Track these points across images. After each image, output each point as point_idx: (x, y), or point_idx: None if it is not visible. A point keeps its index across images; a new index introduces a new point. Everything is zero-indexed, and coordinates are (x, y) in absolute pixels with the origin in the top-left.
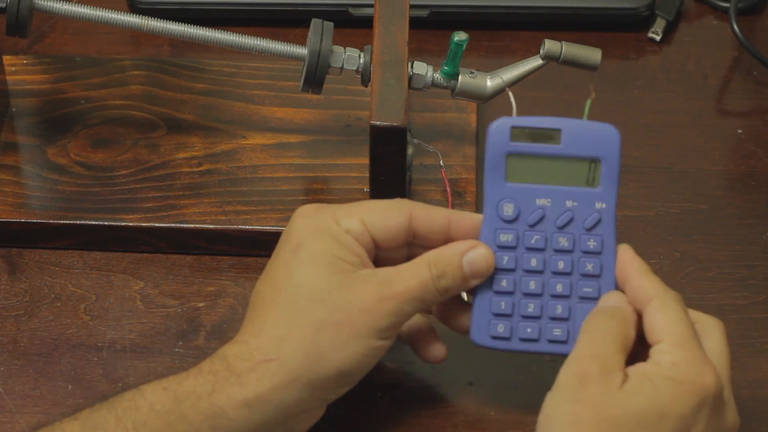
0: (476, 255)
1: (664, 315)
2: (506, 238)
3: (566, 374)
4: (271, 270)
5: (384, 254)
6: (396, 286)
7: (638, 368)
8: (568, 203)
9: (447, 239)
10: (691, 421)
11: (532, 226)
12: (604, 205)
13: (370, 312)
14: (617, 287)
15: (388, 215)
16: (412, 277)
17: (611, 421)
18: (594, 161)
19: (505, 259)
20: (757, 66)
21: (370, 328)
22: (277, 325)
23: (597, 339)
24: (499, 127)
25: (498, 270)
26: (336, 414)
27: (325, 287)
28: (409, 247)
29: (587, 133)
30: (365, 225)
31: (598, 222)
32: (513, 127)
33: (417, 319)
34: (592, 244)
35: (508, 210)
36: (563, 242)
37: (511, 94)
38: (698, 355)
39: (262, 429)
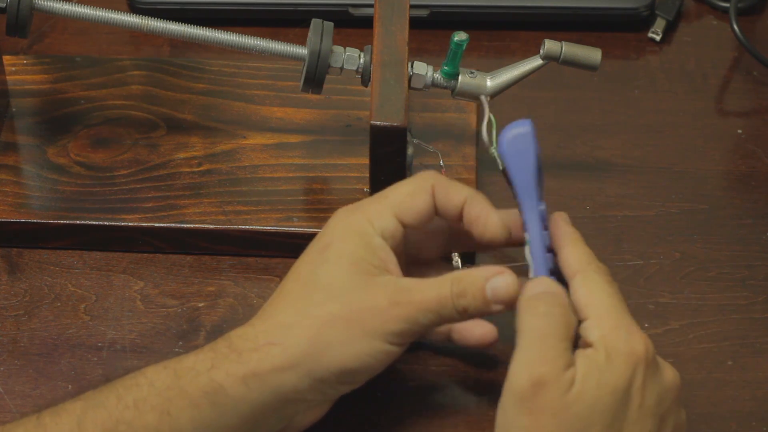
0: (500, 282)
1: (587, 290)
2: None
3: (519, 380)
4: (296, 267)
5: (419, 240)
6: (413, 294)
7: (578, 353)
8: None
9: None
10: (630, 391)
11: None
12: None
13: (382, 314)
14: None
15: (416, 198)
16: (431, 289)
17: (569, 422)
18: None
19: None
20: (757, 66)
21: (380, 329)
22: (287, 312)
23: (541, 340)
24: (521, 137)
25: None
26: (336, 414)
27: (343, 285)
28: (440, 230)
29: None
30: (399, 218)
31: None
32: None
33: None
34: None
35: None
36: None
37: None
38: (623, 323)
39: (260, 410)
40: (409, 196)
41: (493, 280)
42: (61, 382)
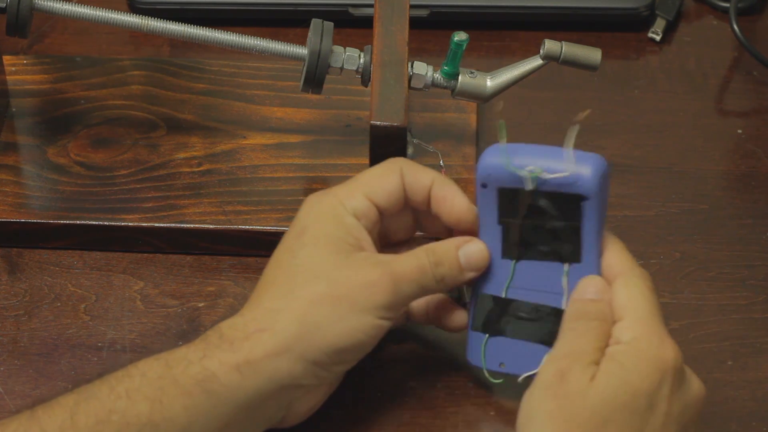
0: (472, 249)
1: (627, 292)
2: None
3: (546, 372)
4: (275, 255)
5: (389, 222)
6: (395, 266)
7: (607, 350)
8: None
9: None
10: (656, 397)
11: None
12: None
13: (370, 287)
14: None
15: (385, 180)
16: (410, 260)
17: (589, 411)
18: None
19: None
20: (757, 66)
21: (369, 303)
22: (274, 298)
23: (578, 338)
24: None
25: None
26: (336, 414)
27: (325, 265)
28: (408, 210)
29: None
30: (370, 199)
31: None
32: None
33: (433, 295)
34: None
35: None
36: None
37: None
38: (657, 330)
39: (257, 398)
40: (378, 177)
41: (464, 247)
42: (61, 382)
